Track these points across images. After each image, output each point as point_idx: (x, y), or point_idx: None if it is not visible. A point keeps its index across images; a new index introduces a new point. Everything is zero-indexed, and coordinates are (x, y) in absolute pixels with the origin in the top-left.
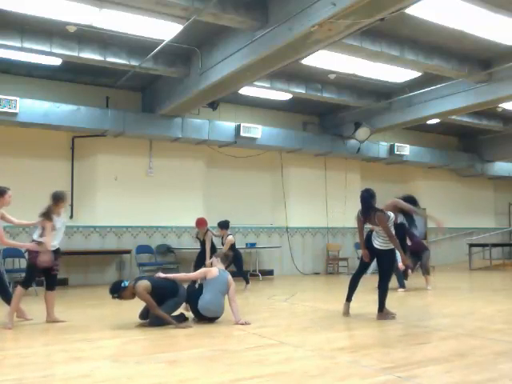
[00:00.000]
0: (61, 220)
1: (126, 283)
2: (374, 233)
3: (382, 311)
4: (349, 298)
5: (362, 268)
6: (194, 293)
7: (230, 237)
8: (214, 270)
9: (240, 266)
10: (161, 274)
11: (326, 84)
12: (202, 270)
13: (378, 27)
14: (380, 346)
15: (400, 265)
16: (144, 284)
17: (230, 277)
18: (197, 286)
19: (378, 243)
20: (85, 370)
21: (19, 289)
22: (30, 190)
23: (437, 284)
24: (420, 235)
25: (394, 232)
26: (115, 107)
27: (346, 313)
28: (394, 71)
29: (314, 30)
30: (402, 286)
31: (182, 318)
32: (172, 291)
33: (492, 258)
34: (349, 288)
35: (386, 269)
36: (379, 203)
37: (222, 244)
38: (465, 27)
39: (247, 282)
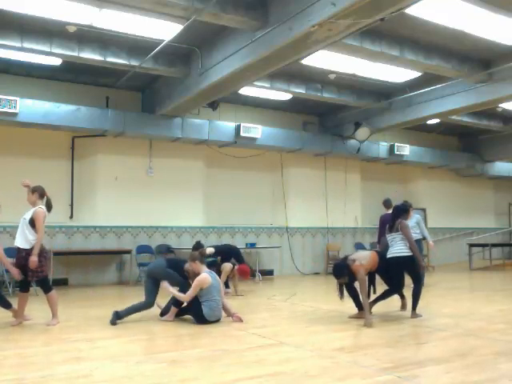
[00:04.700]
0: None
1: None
2: (392, 242)
3: (416, 310)
4: (359, 306)
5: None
6: (190, 300)
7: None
8: (206, 277)
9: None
10: (168, 287)
11: (326, 84)
12: (196, 285)
13: (378, 27)
14: (380, 346)
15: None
16: None
17: (216, 275)
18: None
19: (406, 250)
20: (85, 370)
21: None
22: None
23: (437, 284)
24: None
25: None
26: (115, 107)
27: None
28: (394, 71)
29: (314, 30)
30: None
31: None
32: None
33: (492, 258)
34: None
35: (418, 272)
36: (379, 203)
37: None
38: (465, 27)
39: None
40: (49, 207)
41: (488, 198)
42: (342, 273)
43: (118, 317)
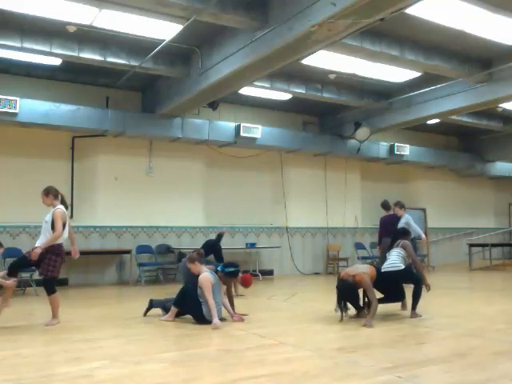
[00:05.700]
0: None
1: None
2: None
3: (415, 310)
4: (358, 308)
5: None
6: (191, 299)
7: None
8: (207, 275)
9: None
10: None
11: (326, 84)
12: (207, 286)
13: (378, 27)
14: (380, 346)
15: None
16: None
17: (216, 275)
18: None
19: (398, 263)
20: (85, 370)
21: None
22: (29, 190)
23: (437, 284)
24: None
25: None
26: (115, 107)
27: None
28: (394, 71)
29: (314, 30)
30: None
31: None
32: None
33: (492, 258)
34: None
35: (418, 276)
36: (379, 203)
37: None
38: (465, 27)
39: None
40: (65, 205)
41: (488, 198)
42: (353, 290)
43: (151, 305)
